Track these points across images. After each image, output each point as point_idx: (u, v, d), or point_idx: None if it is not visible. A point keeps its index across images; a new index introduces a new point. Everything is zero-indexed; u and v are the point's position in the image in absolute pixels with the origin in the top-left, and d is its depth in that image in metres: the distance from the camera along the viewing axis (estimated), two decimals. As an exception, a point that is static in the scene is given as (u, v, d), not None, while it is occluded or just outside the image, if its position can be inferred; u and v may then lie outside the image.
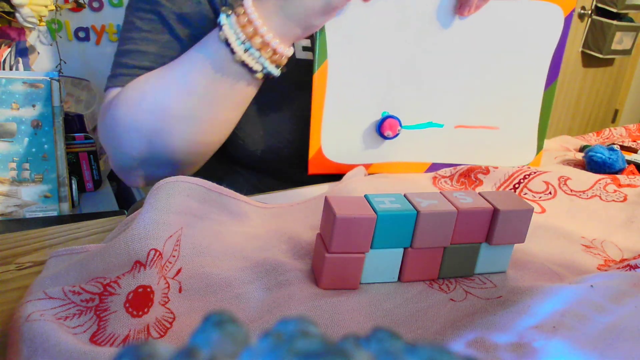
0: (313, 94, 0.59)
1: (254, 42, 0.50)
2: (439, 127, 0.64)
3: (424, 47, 0.61)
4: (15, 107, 0.78)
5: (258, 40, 0.50)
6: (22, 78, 0.79)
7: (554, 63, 0.65)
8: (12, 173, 0.79)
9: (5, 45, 0.92)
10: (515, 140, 0.67)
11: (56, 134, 0.81)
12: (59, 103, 0.80)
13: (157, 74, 0.55)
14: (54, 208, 0.83)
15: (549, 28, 0.64)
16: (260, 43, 0.50)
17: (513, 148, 0.68)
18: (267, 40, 0.50)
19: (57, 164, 0.81)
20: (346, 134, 0.61)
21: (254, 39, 0.50)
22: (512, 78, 0.65)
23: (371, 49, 0.59)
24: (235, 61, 0.51)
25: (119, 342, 0.32)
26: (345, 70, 0.59)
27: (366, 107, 0.61)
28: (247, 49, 0.50)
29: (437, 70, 0.62)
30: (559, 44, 0.65)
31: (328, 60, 0.58)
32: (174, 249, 0.39)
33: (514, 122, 0.66)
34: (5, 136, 0.78)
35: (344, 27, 0.58)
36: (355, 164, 0.62)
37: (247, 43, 0.50)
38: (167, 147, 0.55)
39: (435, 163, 0.66)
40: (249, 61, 0.50)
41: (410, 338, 0.35)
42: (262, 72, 0.52)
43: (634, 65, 2.69)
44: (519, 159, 0.68)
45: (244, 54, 0.50)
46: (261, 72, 0.52)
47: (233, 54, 0.50)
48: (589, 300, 0.35)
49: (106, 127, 0.57)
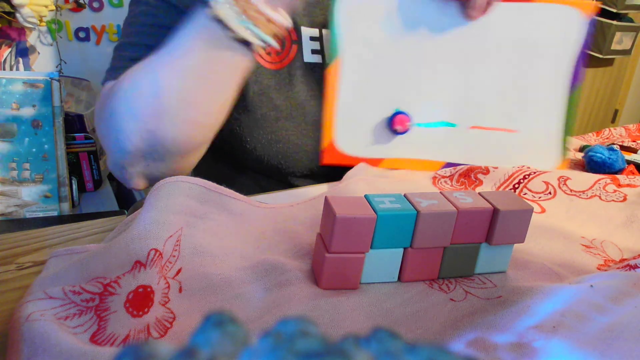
0: (326, 87, 0.60)
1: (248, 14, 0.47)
2: (453, 126, 0.64)
3: (439, 47, 0.61)
4: (16, 107, 0.78)
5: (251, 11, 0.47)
6: (23, 78, 0.79)
7: (577, 67, 0.65)
8: (13, 173, 0.79)
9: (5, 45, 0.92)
10: (538, 144, 0.67)
11: (56, 134, 0.81)
12: (59, 103, 0.80)
13: (149, 60, 0.53)
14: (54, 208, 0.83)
15: (570, 32, 0.63)
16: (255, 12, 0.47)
17: (536, 152, 0.67)
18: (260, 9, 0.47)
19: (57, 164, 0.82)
20: (358, 127, 0.62)
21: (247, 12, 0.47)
22: (533, 81, 0.64)
23: (384, 46, 0.59)
24: (228, 36, 0.48)
25: (119, 342, 0.32)
26: (358, 67, 0.60)
27: (378, 103, 0.61)
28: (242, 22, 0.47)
29: (452, 71, 0.62)
30: (581, 48, 0.64)
31: (341, 56, 0.59)
32: (174, 249, 0.39)
33: (536, 126, 0.66)
34: (6, 136, 0.78)
35: (358, 24, 0.58)
36: (367, 158, 0.63)
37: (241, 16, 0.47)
38: (165, 133, 0.52)
39: (450, 163, 0.66)
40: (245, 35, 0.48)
41: (410, 338, 0.35)
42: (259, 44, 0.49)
43: (633, 65, 2.68)
44: (543, 163, 0.67)
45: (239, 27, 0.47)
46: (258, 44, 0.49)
47: (226, 29, 0.47)
48: (589, 300, 0.35)
49: (104, 119, 0.55)
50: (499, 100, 0.64)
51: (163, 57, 0.52)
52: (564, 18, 0.63)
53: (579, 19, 0.63)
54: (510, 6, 0.60)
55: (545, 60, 0.64)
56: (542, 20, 0.62)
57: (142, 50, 0.57)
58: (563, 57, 0.65)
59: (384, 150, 0.63)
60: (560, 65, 0.65)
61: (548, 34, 0.63)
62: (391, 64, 0.60)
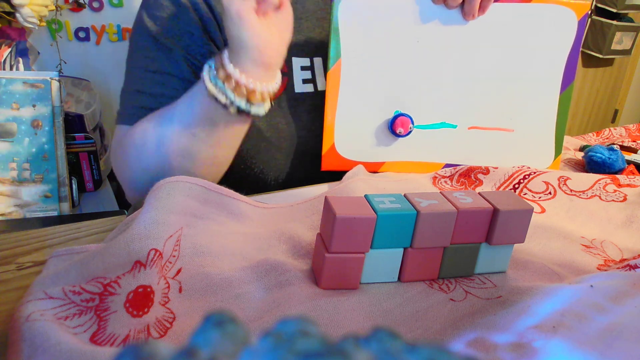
0: (327, 91, 0.60)
1: (228, 83, 0.51)
2: (452, 127, 0.64)
3: (437, 48, 0.61)
4: (16, 107, 0.78)
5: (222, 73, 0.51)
6: (22, 78, 0.79)
7: (569, 66, 0.65)
8: (13, 173, 0.79)
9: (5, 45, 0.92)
10: (532, 143, 0.67)
11: (56, 134, 0.81)
12: (59, 103, 0.80)
13: (158, 118, 0.58)
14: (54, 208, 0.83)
15: (563, 31, 0.64)
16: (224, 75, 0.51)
17: (530, 151, 0.68)
18: (228, 71, 0.51)
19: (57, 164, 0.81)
20: (359, 131, 0.62)
21: (228, 81, 0.51)
22: (527, 80, 0.65)
23: (384, 49, 0.60)
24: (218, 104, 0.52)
25: (119, 342, 0.32)
26: (359, 70, 0.60)
27: (379, 105, 0.62)
28: (220, 87, 0.51)
29: (450, 71, 0.62)
30: (573, 47, 0.65)
31: (342, 59, 0.59)
32: (174, 249, 0.39)
33: (530, 125, 0.66)
34: (5, 136, 0.78)
35: (359, 27, 0.58)
36: (367, 162, 0.63)
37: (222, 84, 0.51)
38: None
39: (449, 164, 0.66)
40: (216, 93, 0.52)
41: (410, 338, 0.35)
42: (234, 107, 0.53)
43: (633, 65, 2.68)
44: (537, 161, 0.68)
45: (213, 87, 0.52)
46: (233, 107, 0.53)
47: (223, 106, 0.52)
48: (589, 300, 0.35)
49: (117, 166, 0.64)
50: (496, 100, 0.65)
51: (169, 117, 0.57)
52: (558, 18, 0.63)
53: (572, 18, 0.64)
54: (506, 7, 0.61)
55: (540, 59, 0.65)
56: (536, 20, 0.63)
57: (149, 99, 0.62)
58: (556, 56, 0.65)
59: (384, 153, 0.63)
60: (554, 64, 0.65)
61: (542, 34, 0.63)
62: (391, 66, 0.61)
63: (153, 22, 0.63)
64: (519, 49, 0.63)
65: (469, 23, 0.61)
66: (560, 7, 0.63)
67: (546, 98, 0.66)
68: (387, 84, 0.61)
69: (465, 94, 0.64)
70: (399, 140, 0.63)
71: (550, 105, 0.67)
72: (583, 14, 0.64)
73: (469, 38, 0.61)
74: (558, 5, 0.63)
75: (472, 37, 0.61)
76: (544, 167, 0.68)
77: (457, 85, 0.63)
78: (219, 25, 0.64)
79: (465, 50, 0.62)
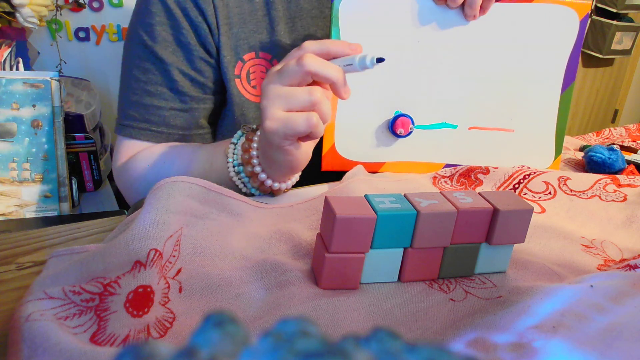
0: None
1: (245, 169, 0.54)
2: (452, 127, 0.64)
3: (437, 49, 0.61)
4: (15, 107, 0.78)
5: (249, 169, 0.54)
6: (22, 78, 0.79)
7: (570, 66, 0.65)
8: (13, 173, 0.79)
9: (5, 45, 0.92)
10: (532, 143, 0.67)
11: (56, 134, 0.81)
12: (59, 103, 0.80)
13: (164, 156, 0.61)
14: (54, 208, 0.83)
15: (564, 31, 0.64)
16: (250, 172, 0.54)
17: (530, 151, 0.68)
18: (255, 171, 0.53)
19: (57, 164, 0.81)
20: (359, 131, 0.62)
21: (252, 179, 0.54)
22: (528, 81, 0.65)
23: (385, 49, 0.60)
24: (229, 178, 0.55)
25: (119, 342, 0.32)
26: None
27: (379, 106, 0.62)
28: (239, 172, 0.54)
29: (451, 71, 0.62)
30: (574, 48, 0.65)
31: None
32: (174, 249, 0.39)
33: (530, 125, 0.66)
34: (5, 136, 0.78)
35: (359, 27, 0.58)
36: (368, 162, 0.63)
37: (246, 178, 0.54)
38: None
39: (449, 164, 0.66)
40: (238, 183, 0.55)
41: (410, 338, 0.35)
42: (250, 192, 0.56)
43: (633, 65, 2.68)
44: (537, 161, 0.68)
45: (235, 175, 0.55)
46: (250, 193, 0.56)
47: (229, 171, 0.55)
48: (589, 300, 0.35)
49: (121, 186, 0.68)
50: (496, 100, 0.65)
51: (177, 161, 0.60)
52: (559, 18, 0.63)
53: (574, 18, 0.64)
54: (507, 7, 0.61)
55: (541, 59, 0.64)
56: (538, 20, 0.63)
57: (142, 110, 0.65)
58: (557, 56, 0.65)
59: (385, 153, 0.63)
60: (555, 64, 0.65)
61: (543, 34, 0.63)
62: (391, 66, 0.60)
63: (144, 31, 0.64)
64: (520, 49, 0.63)
65: (469, 23, 0.61)
66: (562, 7, 0.63)
67: (547, 98, 0.66)
68: (388, 84, 0.61)
69: (465, 94, 0.63)
70: (399, 140, 0.63)
71: (551, 106, 0.67)
72: (584, 13, 0.64)
73: (469, 38, 0.61)
74: (559, 5, 0.63)
75: (473, 37, 0.61)
76: (544, 167, 0.68)
77: (458, 86, 0.63)
78: (210, 28, 0.64)
79: (466, 51, 0.62)
